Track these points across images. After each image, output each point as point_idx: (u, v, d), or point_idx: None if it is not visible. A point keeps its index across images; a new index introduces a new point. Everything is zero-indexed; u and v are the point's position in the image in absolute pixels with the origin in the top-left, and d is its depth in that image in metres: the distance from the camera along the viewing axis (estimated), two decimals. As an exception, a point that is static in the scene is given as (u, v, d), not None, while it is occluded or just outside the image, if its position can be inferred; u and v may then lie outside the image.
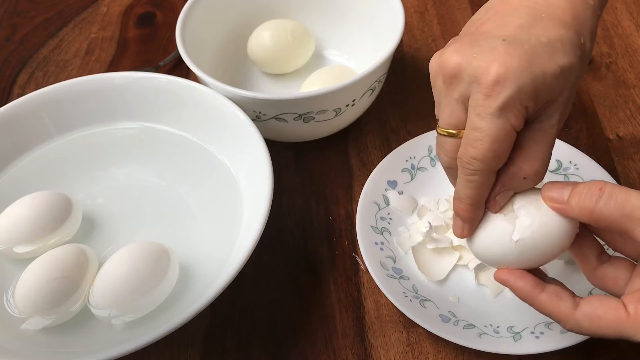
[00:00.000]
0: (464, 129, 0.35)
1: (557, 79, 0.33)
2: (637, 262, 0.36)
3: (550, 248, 0.36)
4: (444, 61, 0.35)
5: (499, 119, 0.33)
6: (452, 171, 0.38)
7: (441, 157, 0.38)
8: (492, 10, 0.36)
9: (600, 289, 0.37)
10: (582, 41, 0.34)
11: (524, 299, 0.36)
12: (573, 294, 0.35)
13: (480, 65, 0.33)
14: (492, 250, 0.37)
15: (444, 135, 0.36)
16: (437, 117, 0.37)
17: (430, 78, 0.37)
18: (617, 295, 0.35)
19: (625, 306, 0.33)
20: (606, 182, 0.34)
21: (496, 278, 0.37)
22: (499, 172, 0.36)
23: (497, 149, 0.34)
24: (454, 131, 0.36)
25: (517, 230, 0.36)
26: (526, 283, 0.36)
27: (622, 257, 0.37)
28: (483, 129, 0.33)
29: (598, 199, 0.33)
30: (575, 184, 0.35)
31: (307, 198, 0.54)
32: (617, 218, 0.33)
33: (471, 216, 0.37)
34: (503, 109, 0.33)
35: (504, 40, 0.34)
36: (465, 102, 0.35)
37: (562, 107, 0.35)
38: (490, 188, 0.36)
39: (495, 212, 0.37)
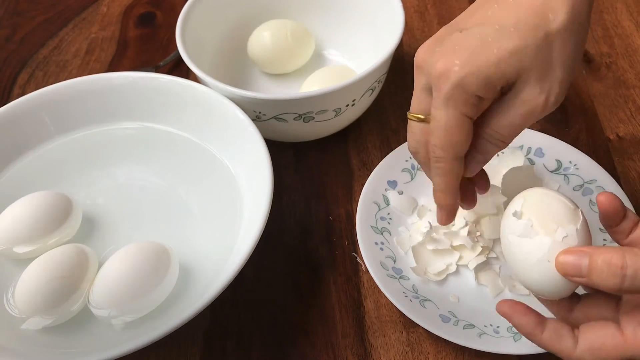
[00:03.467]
0: (429, 115, 0.38)
1: (507, 62, 0.34)
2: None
3: None
4: (416, 55, 0.38)
5: (446, 109, 0.36)
6: (417, 157, 0.41)
7: (409, 142, 0.41)
8: (475, 2, 0.38)
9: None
10: (550, 18, 0.35)
11: (525, 335, 0.36)
12: (572, 329, 0.35)
13: (433, 61, 0.36)
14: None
15: (413, 120, 0.39)
16: None
17: None
18: None
19: (622, 330, 0.33)
20: (625, 255, 0.31)
21: (498, 310, 0.37)
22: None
23: (451, 135, 0.36)
24: (421, 116, 0.39)
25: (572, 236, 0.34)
26: (529, 321, 0.36)
27: None
28: (437, 118, 0.37)
29: (622, 280, 0.31)
30: (590, 253, 0.33)
31: (307, 198, 0.54)
32: None
33: (443, 202, 0.40)
34: (448, 99, 0.35)
35: (460, 32, 0.36)
36: (430, 91, 0.37)
37: (534, 82, 0.35)
38: (457, 176, 0.39)
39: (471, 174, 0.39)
